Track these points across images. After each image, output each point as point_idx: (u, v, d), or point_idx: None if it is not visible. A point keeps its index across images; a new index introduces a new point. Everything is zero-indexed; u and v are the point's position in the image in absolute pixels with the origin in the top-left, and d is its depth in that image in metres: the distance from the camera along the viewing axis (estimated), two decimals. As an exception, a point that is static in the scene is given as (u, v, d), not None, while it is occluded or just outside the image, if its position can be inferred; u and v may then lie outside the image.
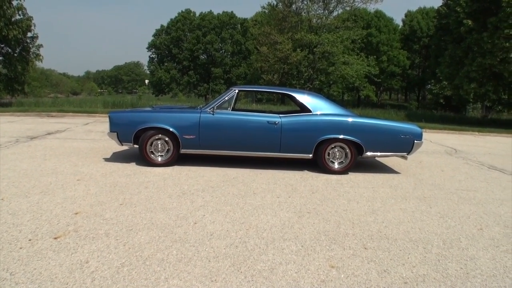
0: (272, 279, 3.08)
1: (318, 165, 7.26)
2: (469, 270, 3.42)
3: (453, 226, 4.60)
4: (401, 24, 59.09)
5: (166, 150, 7.09)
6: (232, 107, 7.29)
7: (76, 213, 4.35)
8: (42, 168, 6.54)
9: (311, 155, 7.15)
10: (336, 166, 7.22)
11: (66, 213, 4.33)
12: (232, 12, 62.01)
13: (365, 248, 3.78)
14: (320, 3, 37.37)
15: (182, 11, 62.10)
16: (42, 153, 7.81)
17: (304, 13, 38.28)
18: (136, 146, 7.14)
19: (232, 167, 7.28)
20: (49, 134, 10.90)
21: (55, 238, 3.63)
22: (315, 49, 36.23)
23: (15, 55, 22.68)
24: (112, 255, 3.34)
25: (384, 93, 71.09)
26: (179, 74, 60.00)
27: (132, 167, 6.95)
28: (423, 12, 56.42)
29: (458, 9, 24.55)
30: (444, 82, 27.07)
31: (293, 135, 7.04)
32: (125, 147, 7.97)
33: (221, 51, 60.76)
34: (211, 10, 62.15)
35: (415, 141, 7.19)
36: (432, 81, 39.16)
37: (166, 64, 61.22)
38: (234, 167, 7.29)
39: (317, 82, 38.86)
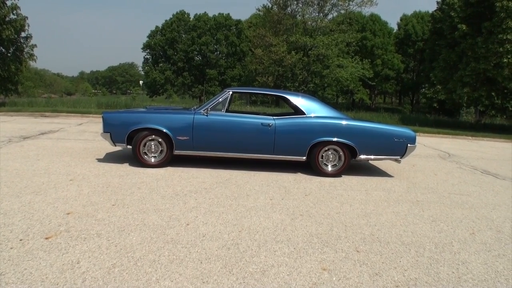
0: (263, 281, 3.08)
1: (311, 167, 7.26)
2: (461, 274, 3.43)
3: (445, 230, 4.61)
4: (396, 28, 59.33)
5: (159, 151, 7.07)
6: (226, 109, 7.28)
7: (68, 214, 4.33)
8: (35, 168, 6.50)
9: (304, 158, 7.15)
10: (329, 168, 7.23)
11: (58, 213, 4.31)
12: (228, 14, 61.98)
13: (357, 251, 3.78)
14: (315, 6, 37.49)
15: (177, 12, 62.03)
16: (35, 153, 7.77)
17: (299, 15, 38.38)
18: (129, 146, 7.12)
19: (225, 169, 7.27)
20: (42, 134, 10.86)
21: (47, 238, 3.61)
22: (309, 52, 36.31)
23: (9, 55, 22.58)
24: (103, 256, 3.32)
25: (378, 97, 71.31)
26: (174, 75, 59.85)
27: (125, 167, 6.93)
28: (418, 16, 56.59)
29: (453, 14, 24.66)
30: (438, 86, 27.17)
31: (286, 137, 7.04)
32: (118, 148, 7.96)
33: (216, 53, 60.72)
34: (205, 12, 62.11)
35: (409, 144, 7.21)
36: (426, 85, 39.25)
37: (160, 65, 61.07)
38: (228, 169, 7.28)
39: (312, 85, 38.91)
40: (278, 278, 3.14)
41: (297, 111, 7.40)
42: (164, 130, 6.89)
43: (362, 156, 7.19)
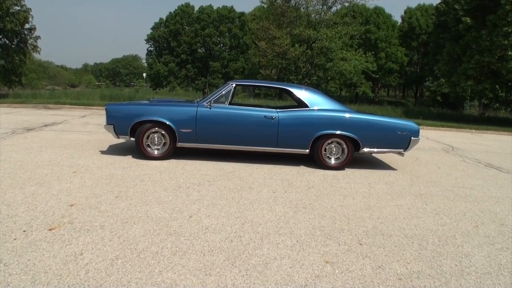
0: (266, 273, 3.08)
1: (314, 160, 7.26)
2: (464, 267, 3.42)
3: (448, 223, 4.61)
4: (400, 20, 59.07)
5: (162, 144, 7.07)
6: (229, 101, 7.28)
7: (71, 205, 4.34)
8: (38, 159, 6.52)
9: (307, 151, 7.14)
10: (332, 161, 7.22)
11: (61, 205, 4.32)
12: (232, 6, 61.79)
13: (360, 244, 3.78)
14: (319, -1, 37.31)
15: (181, 5, 61.88)
16: (39, 145, 7.78)
17: (303, 8, 38.23)
18: (132, 139, 7.13)
19: (228, 162, 7.27)
20: (45, 126, 10.87)
21: (50, 230, 3.62)
22: (313, 45, 36.17)
23: (13, 46, 22.61)
24: (106, 248, 3.33)
25: (382, 90, 71.08)
26: (177, 68, 59.80)
27: (128, 160, 6.94)
28: (422, 9, 56.34)
29: (457, 7, 24.52)
30: (442, 79, 27.05)
31: (290, 130, 7.03)
32: (121, 140, 7.96)
33: (219, 45, 60.60)
34: (210, 4, 61.98)
35: (412, 137, 7.19)
36: (430, 78, 39.14)
37: (164, 57, 60.99)
38: (231, 162, 7.28)
39: (315, 78, 38.82)
40: (280, 270, 3.14)
41: (301, 104, 7.39)
42: (167, 123, 6.89)
43: (366, 149, 7.18)
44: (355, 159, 7.77)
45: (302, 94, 7.39)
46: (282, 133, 7.01)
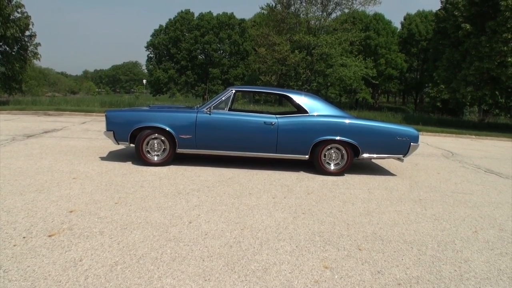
0: (265, 279, 3.08)
1: (314, 166, 7.26)
2: (463, 273, 3.42)
3: (448, 228, 4.61)
4: (399, 27, 59.23)
5: (162, 150, 7.08)
6: (229, 108, 7.29)
7: (71, 211, 4.34)
8: (38, 166, 6.52)
9: (307, 156, 7.15)
10: (332, 167, 7.22)
11: (61, 211, 4.32)
12: (232, 13, 62.00)
13: (360, 249, 3.78)
14: (319, 5, 37.42)
15: (181, 12, 62.10)
16: (39, 152, 7.79)
17: (303, 14, 38.31)
18: (132, 145, 7.14)
19: (228, 167, 7.27)
20: (46, 132, 10.88)
21: (49, 236, 3.62)
22: (313, 51, 36.23)
23: (13, 53, 22.64)
24: (106, 254, 3.33)
25: (381, 96, 71.18)
26: (177, 74, 59.98)
27: (128, 166, 6.94)
28: (422, 16, 56.54)
29: (456, 13, 24.58)
30: (442, 85, 27.08)
31: (289, 136, 7.03)
32: (121, 146, 7.97)
33: (219, 52, 60.78)
34: (210, 11, 62.18)
35: (412, 143, 7.20)
36: (430, 84, 39.20)
37: (164, 63, 61.15)
38: (230, 168, 7.28)
39: (315, 84, 38.87)
40: (280, 276, 3.15)
41: (300, 110, 7.40)
42: (167, 129, 6.89)
43: (365, 155, 7.18)
44: (354, 165, 7.78)
45: (301, 100, 7.40)
46: (281, 139, 7.01)
